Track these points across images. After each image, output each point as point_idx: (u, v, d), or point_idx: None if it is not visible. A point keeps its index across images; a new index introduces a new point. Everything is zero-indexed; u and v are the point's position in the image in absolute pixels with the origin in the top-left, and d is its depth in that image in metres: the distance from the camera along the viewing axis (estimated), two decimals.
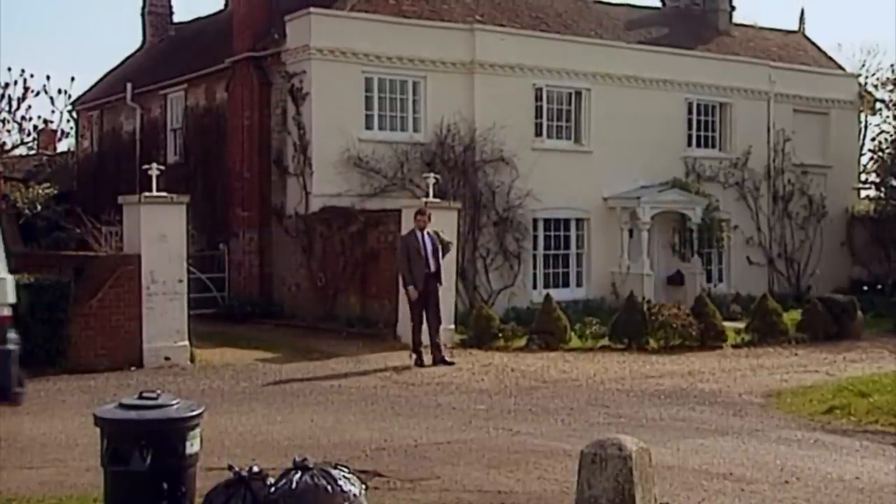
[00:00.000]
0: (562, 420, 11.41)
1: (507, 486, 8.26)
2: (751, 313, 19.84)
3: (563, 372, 15.28)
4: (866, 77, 36.45)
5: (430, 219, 16.08)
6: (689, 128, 26.02)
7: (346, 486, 5.72)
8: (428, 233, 15.92)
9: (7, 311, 9.47)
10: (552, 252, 23.78)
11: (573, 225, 24.14)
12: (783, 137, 27.06)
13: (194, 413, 5.83)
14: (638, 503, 5.53)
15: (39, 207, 21.53)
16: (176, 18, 32.57)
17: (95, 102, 30.68)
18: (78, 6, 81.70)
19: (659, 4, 30.88)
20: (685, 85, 25.67)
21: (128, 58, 32.85)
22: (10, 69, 24.92)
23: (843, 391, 12.98)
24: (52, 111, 35.08)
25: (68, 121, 27.90)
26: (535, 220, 23.20)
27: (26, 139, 20.23)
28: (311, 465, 5.82)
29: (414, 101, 22.26)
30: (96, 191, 28.28)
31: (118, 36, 71.50)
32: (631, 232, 24.09)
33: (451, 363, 15.58)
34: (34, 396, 12.41)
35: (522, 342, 17.76)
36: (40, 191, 21.27)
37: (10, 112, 19.18)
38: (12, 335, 9.41)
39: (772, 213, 27.20)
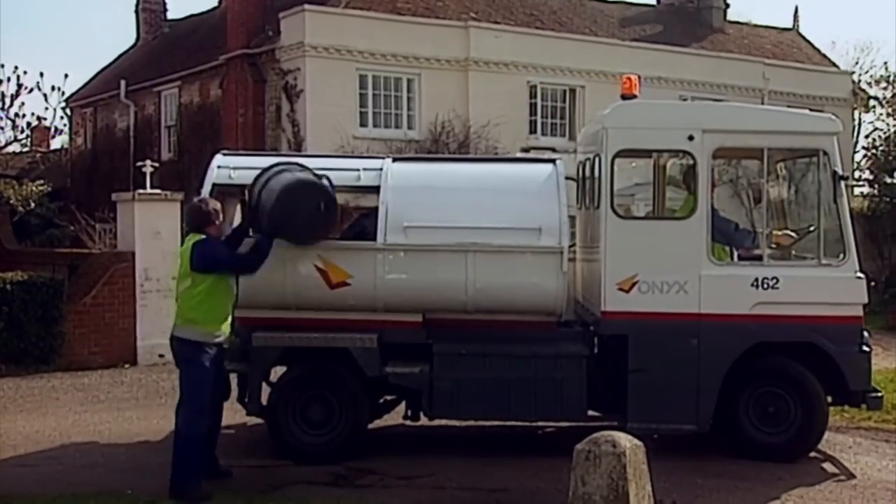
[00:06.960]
0: None
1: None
2: None
3: None
4: (860, 74, 36.53)
5: None
6: None
7: None
8: None
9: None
10: None
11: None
12: None
13: None
14: (632, 500, 5.52)
15: (33, 205, 21.43)
16: (170, 15, 32.58)
17: (89, 99, 30.62)
18: (72, 3, 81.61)
19: (653, 2, 30.91)
20: (679, 82, 25.64)
21: (122, 55, 32.80)
22: (3, 66, 24.77)
23: None
24: (46, 108, 35.22)
25: (62, 118, 27.86)
26: None
27: (20, 136, 20.17)
28: None
29: (408, 99, 22.26)
30: (90, 188, 28.24)
31: (112, 33, 71.53)
32: None
33: None
34: (28, 394, 12.41)
35: None
36: (34, 188, 21.17)
37: (3, 109, 19.11)
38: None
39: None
